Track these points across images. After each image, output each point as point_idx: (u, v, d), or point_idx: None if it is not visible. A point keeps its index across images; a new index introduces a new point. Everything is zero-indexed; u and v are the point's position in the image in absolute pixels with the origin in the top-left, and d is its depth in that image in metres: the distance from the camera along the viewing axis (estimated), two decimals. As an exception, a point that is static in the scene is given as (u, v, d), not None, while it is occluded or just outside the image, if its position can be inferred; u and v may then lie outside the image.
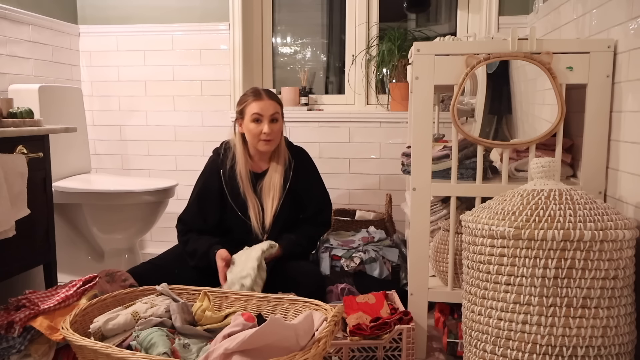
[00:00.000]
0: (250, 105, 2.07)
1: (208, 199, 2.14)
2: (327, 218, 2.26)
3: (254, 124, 2.06)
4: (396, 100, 2.94)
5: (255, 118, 2.05)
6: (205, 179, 2.18)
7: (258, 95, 2.08)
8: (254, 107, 2.06)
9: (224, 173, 2.13)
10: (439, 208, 2.28)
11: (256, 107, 2.05)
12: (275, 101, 2.10)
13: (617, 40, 1.61)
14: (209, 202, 2.14)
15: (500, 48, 1.68)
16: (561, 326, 1.26)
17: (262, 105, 2.05)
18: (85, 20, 3.14)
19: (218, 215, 2.14)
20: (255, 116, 2.05)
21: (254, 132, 2.06)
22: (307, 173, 2.20)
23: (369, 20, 3.06)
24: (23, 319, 1.59)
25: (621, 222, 1.28)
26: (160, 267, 2.10)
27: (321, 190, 2.23)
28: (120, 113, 3.19)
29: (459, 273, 1.82)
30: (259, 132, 2.05)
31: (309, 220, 2.18)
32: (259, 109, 2.05)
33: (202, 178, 2.20)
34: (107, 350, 1.29)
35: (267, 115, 2.05)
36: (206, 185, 2.16)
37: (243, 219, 2.10)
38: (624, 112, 1.57)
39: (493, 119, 2.35)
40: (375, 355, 1.72)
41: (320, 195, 2.22)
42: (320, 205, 2.22)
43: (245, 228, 2.10)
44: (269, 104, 2.07)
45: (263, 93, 2.09)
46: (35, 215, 2.06)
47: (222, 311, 1.67)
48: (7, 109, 2.04)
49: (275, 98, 2.11)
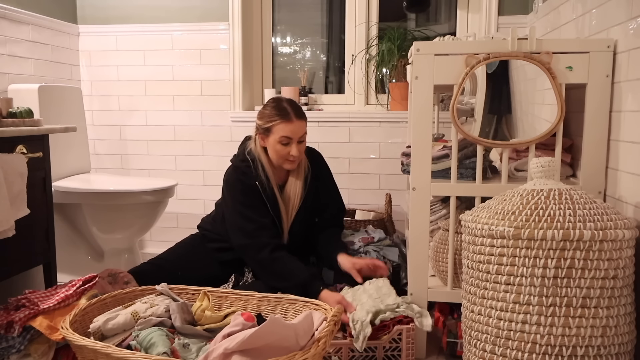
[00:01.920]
0: (279, 126, 1.97)
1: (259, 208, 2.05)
2: (342, 219, 2.30)
3: (281, 146, 1.99)
4: (396, 100, 2.94)
5: (283, 141, 1.98)
6: (245, 187, 2.05)
7: (287, 116, 1.97)
8: (284, 129, 1.97)
9: (262, 184, 2.05)
10: (438, 208, 2.28)
11: (286, 129, 1.97)
12: (303, 120, 2.02)
13: (617, 40, 1.61)
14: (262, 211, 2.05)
15: (500, 48, 1.68)
16: (561, 326, 1.26)
17: (292, 128, 1.97)
18: (85, 20, 3.14)
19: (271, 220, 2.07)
20: (284, 139, 1.98)
21: (280, 153, 2.00)
22: (324, 178, 2.21)
23: (368, 20, 3.06)
24: (23, 319, 1.59)
25: (621, 221, 1.28)
26: (161, 267, 2.10)
27: (337, 192, 2.26)
28: (120, 113, 3.19)
29: (458, 273, 1.82)
30: (286, 154, 2.00)
31: (327, 222, 2.21)
32: (290, 132, 1.97)
33: (242, 185, 2.05)
34: (107, 350, 1.29)
35: (296, 138, 1.99)
36: (250, 193, 2.05)
37: (279, 227, 2.09)
38: (623, 112, 1.57)
39: (493, 119, 2.35)
40: (375, 355, 1.72)
41: (337, 198, 2.25)
42: (339, 206, 2.26)
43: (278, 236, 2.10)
44: (299, 125, 1.98)
45: (292, 113, 1.98)
46: (35, 215, 2.06)
47: (221, 311, 1.67)
48: (7, 109, 2.04)
49: (303, 115, 2.03)
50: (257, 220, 2.02)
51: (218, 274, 2.13)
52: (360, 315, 1.69)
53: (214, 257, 2.17)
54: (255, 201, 2.04)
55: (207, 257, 2.18)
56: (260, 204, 2.05)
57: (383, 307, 1.72)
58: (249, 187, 2.05)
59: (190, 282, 1.82)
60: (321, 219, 2.21)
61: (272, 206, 2.07)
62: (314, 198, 2.15)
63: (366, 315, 1.69)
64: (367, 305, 1.74)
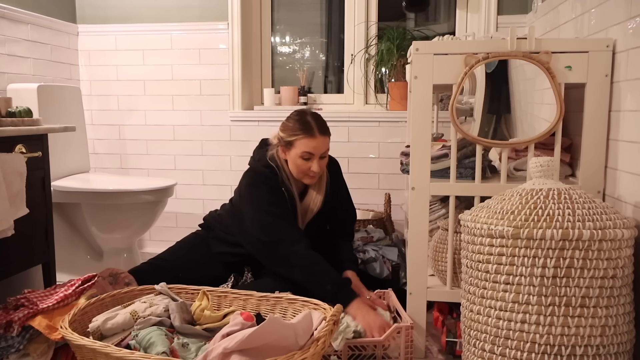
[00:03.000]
0: (302, 141, 1.94)
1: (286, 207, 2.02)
2: (352, 227, 2.30)
3: (302, 161, 1.96)
4: (395, 100, 2.95)
5: (305, 157, 1.95)
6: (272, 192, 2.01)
7: (310, 131, 1.94)
8: (306, 144, 1.94)
9: (287, 191, 2.03)
10: (437, 207, 2.28)
11: (309, 145, 1.93)
12: (327, 136, 1.98)
13: (616, 39, 1.61)
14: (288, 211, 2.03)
15: (499, 47, 1.68)
16: (560, 325, 1.26)
17: (315, 144, 1.94)
18: (84, 20, 3.13)
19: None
20: (306, 154, 1.95)
21: (301, 168, 1.97)
22: (341, 189, 2.21)
23: (367, 20, 3.06)
24: (22, 318, 1.59)
25: (620, 221, 1.28)
26: (160, 267, 2.09)
27: (350, 202, 2.26)
28: (119, 112, 3.19)
29: (457, 272, 1.82)
30: (307, 169, 1.97)
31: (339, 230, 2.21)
32: (312, 148, 1.94)
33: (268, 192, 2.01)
34: (106, 349, 1.29)
35: (318, 154, 1.96)
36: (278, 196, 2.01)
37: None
38: (622, 112, 1.57)
39: (492, 118, 2.35)
40: (374, 354, 1.72)
41: (350, 207, 2.25)
42: (351, 215, 2.27)
43: None
44: (322, 141, 1.95)
45: (316, 129, 1.94)
46: (34, 214, 2.06)
47: (221, 310, 1.67)
48: (6, 108, 2.04)
49: (327, 131, 1.99)
50: (286, 217, 1.97)
51: (217, 274, 2.13)
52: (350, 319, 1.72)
53: (215, 257, 2.17)
54: (281, 200, 2.01)
55: (207, 257, 2.17)
56: (286, 204, 2.02)
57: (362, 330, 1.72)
58: (275, 189, 2.01)
59: (189, 282, 1.82)
60: (332, 226, 2.21)
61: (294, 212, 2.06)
62: (329, 208, 2.14)
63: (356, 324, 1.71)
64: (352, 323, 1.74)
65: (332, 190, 2.14)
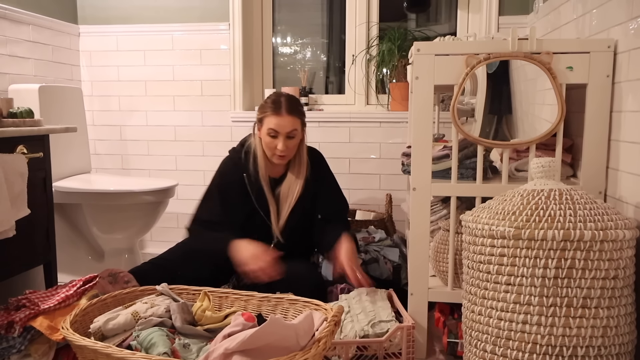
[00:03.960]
0: (269, 118, 1.99)
1: (231, 199, 2.09)
2: (347, 217, 2.28)
3: (269, 138, 2.00)
4: (396, 100, 2.94)
5: (271, 133, 1.99)
6: (226, 180, 2.12)
7: (278, 110, 1.98)
8: (271, 121, 1.98)
9: (248, 176, 2.08)
10: (439, 208, 2.28)
11: (273, 122, 1.98)
12: (295, 116, 2.00)
13: (617, 40, 1.61)
14: (232, 202, 2.09)
15: (500, 48, 1.68)
16: (561, 326, 1.26)
17: (279, 122, 1.97)
18: (86, 20, 3.14)
19: (241, 217, 2.09)
20: (271, 131, 1.99)
21: (269, 145, 2.02)
22: (326, 180, 2.20)
23: (369, 20, 3.06)
24: (23, 319, 1.59)
25: (621, 222, 1.28)
26: (162, 267, 2.09)
27: (337, 193, 2.24)
28: (121, 113, 3.19)
29: (459, 273, 1.82)
30: (273, 147, 2.01)
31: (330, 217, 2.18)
32: (275, 125, 1.98)
33: (221, 178, 2.13)
34: (107, 350, 1.29)
35: (283, 133, 1.98)
36: (228, 186, 2.10)
37: (266, 221, 2.09)
38: (624, 112, 1.57)
39: (493, 119, 2.35)
40: (376, 355, 1.72)
41: (340, 197, 2.24)
42: (342, 205, 2.25)
43: (265, 230, 2.10)
44: (287, 120, 1.98)
45: (283, 107, 1.99)
46: (36, 215, 2.06)
47: (222, 311, 1.67)
48: (7, 109, 2.04)
49: (296, 112, 2.02)
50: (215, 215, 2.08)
51: (218, 274, 2.13)
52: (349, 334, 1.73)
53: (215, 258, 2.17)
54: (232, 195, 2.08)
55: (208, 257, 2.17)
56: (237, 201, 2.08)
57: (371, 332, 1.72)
58: (231, 183, 2.09)
59: (190, 282, 1.82)
60: (325, 217, 2.19)
61: (258, 199, 2.08)
62: (312, 200, 2.14)
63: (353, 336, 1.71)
64: (357, 325, 1.75)
65: (314, 179, 2.13)
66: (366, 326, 1.73)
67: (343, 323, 1.77)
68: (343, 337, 1.71)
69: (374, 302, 1.87)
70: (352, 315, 1.80)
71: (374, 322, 1.74)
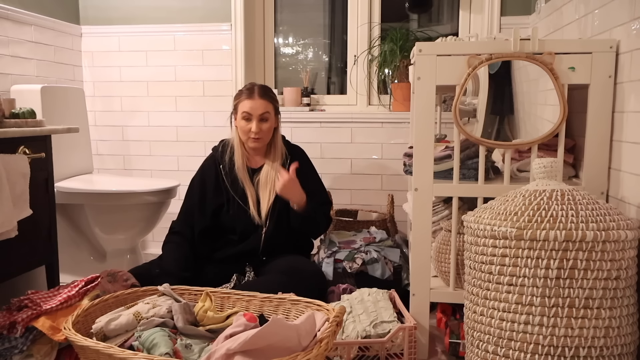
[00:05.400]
0: (242, 102, 2.12)
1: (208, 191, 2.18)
2: (327, 211, 2.28)
3: (243, 122, 2.11)
4: (398, 101, 2.94)
5: (244, 117, 2.10)
6: (203, 174, 2.23)
7: (250, 94, 2.11)
8: (245, 105, 2.10)
9: (224, 167, 2.18)
10: (441, 208, 2.28)
11: (246, 105, 2.10)
12: (267, 100, 2.11)
13: (620, 40, 1.61)
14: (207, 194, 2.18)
15: (502, 48, 1.68)
16: (563, 326, 1.26)
17: (251, 104, 2.09)
18: (88, 21, 3.14)
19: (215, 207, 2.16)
20: (245, 115, 2.10)
21: (243, 129, 2.12)
22: (305, 171, 2.20)
23: (370, 21, 3.06)
24: (25, 320, 1.59)
25: (623, 222, 1.28)
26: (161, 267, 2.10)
27: (318, 186, 2.26)
28: (123, 113, 3.19)
29: (461, 273, 1.82)
30: (247, 130, 2.11)
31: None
32: (249, 107, 2.09)
33: (199, 174, 2.25)
34: (109, 350, 1.29)
35: (256, 115, 2.09)
36: (205, 179, 2.21)
37: (244, 208, 2.13)
38: (626, 113, 1.56)
39: (495, 120, 2.35)
40: (378, 355, 1.72)
41: (316, 190, 2.22)
42: (323, 198, 2.25)
43: (246, 219, 2.13)
44: (260, 103, 2.09)
45: (256, 91, 2.12)
46: (38, 215, 2.06)
47: (224, 311, 1.67)
48: (10, 110, 2.04)
49: (268, 96, 2.13)
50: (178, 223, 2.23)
51: (219, 274, 2.13)
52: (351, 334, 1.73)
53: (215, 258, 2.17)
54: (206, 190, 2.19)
55: (208, 257, 2.18)
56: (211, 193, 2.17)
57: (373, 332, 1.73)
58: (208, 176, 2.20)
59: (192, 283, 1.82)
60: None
61: (233, 186, 2.15)
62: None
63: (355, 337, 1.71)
64: (359, 326, 1.75)
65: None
66: (368, 327, 1.73)
67: (345, 323, 1.77)
68: (345, 337, 1.71)
69: (375, 302, 1.87)
70: (354, 316, 1.81)
71: (376, 323, 1.74)
